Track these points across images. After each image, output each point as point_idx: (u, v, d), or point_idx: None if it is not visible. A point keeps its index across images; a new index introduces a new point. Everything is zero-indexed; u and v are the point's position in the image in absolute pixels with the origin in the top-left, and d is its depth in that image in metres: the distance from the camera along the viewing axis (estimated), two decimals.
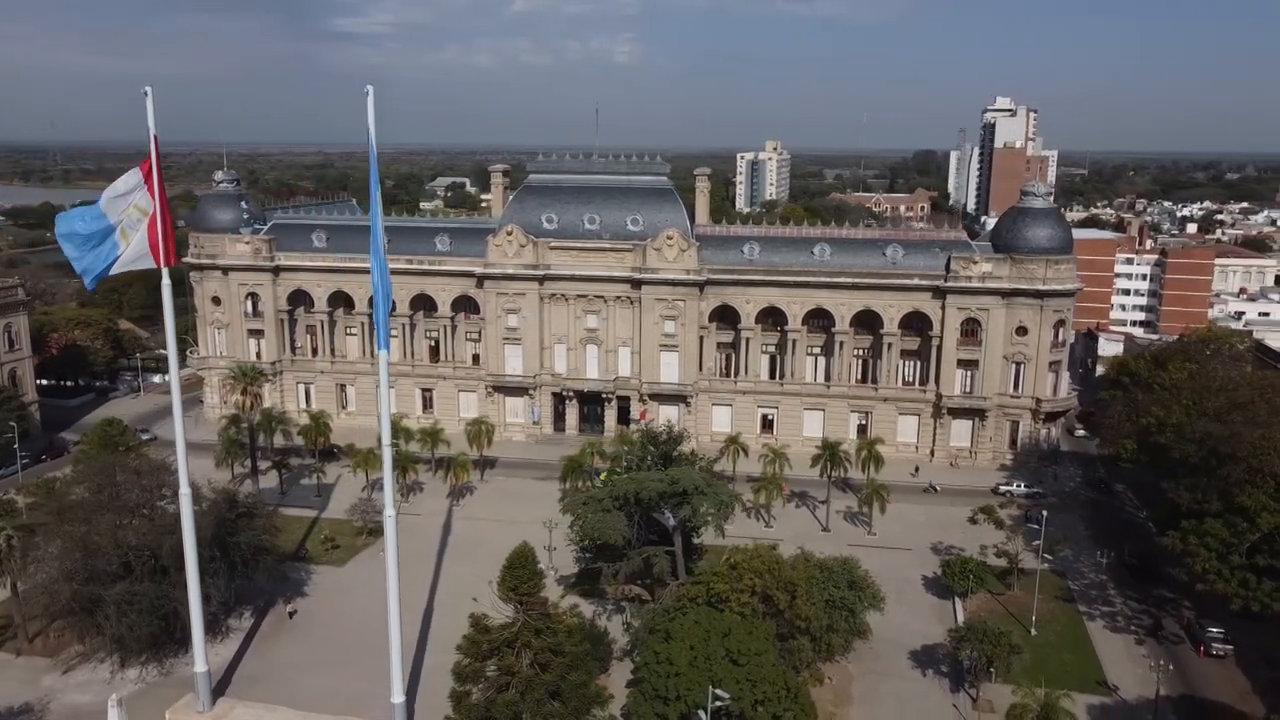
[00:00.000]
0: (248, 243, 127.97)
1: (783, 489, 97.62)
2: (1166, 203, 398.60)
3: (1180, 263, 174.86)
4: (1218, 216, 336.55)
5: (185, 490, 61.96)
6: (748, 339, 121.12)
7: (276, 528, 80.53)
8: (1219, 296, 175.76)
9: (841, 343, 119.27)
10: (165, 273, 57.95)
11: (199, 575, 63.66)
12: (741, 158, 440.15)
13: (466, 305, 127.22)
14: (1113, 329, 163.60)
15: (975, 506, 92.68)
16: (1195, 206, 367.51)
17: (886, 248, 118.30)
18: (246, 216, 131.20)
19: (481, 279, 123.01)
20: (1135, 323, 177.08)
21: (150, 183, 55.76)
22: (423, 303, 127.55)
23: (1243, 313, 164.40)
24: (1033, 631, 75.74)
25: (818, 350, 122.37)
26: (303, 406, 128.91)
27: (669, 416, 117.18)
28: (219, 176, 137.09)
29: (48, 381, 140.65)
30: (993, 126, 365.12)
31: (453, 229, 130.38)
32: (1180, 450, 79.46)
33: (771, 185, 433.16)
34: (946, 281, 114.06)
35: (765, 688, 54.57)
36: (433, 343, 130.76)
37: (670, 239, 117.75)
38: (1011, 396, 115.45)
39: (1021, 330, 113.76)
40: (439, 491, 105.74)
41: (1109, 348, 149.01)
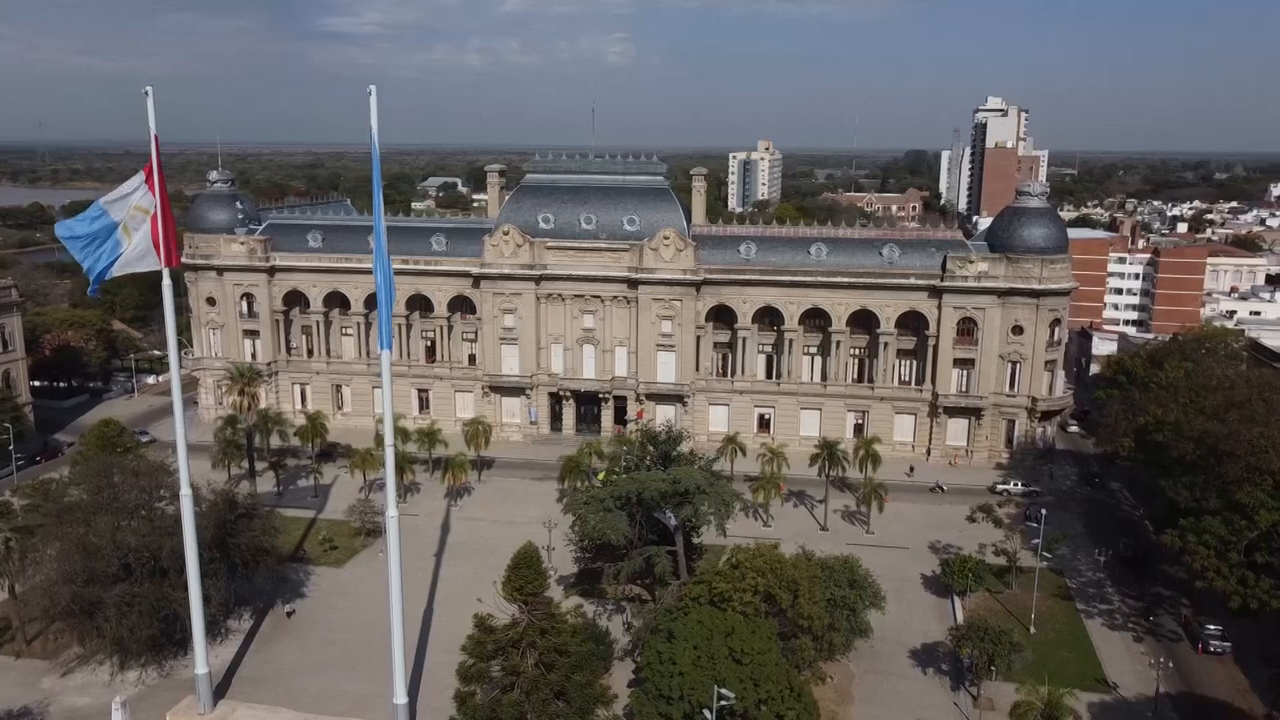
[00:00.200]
0: (243, 243, 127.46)
1: (780, 488, 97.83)
2: (1156, 202, 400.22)
3: (1173, 262, 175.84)
4: (1207, 216, 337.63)
5: (186, 491, 61.68)
6: (744, 339, 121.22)
7: (276, 529, 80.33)
8: (1210, 295, 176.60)
9: (838, 342, 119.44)
10: (166, 273, 57.70)
11: (199, 576, 63.39)
12: (734, 157, 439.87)
13: (463, 305, 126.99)
14: (1106, 328, 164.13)
15: (972, 505, 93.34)
16: (1185, 206, 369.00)
17: (883, 247, 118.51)
18: (241, 217, 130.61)
19: (478, 279, 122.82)
20: (1128, 322, 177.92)
21: (151, 182, 55.54)
22: (419, 303, 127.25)
23: (1234, 311, 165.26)
24: (1032, 630, 75.93)
25: (814, 350, 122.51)
26: (298, 407, 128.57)
27: (666, 416, 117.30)
28: (214, 176, 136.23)
29: (41, 383, 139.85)
30: (984, 126, 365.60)
31: (449, 229, 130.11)
32: (1178, 448, 79.74)
33: (764, 185, 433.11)
34: (943, 281, 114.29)
35: (769, 687, 54.62)
36: (429, 343, 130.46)
37: (667, 239, 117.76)
38: (1007, 395, 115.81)
39: (1017, 329, 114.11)
40: (436, 492, 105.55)
41: (1103, 347, 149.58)
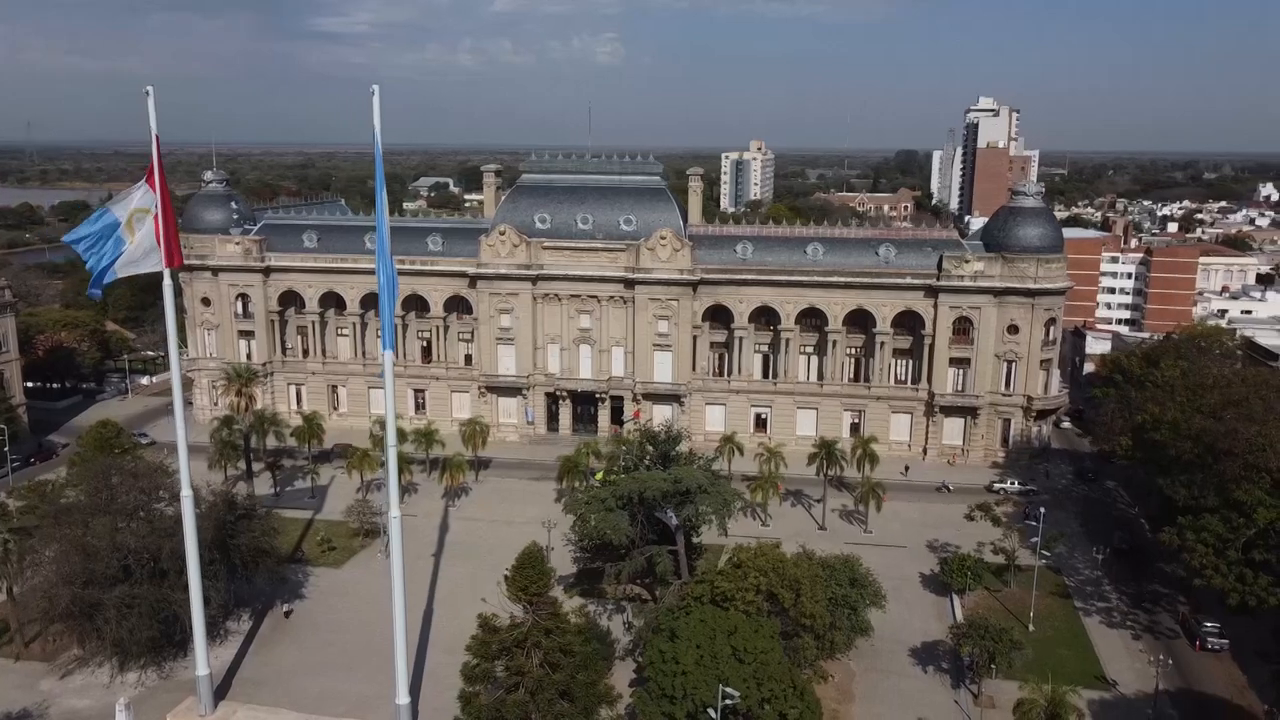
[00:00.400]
0: (238, 243, 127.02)
1: (778, 488, 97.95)
2: (1146, 202, 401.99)
3: (1165, 261, 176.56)
4: (1197, 215, 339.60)
5: (187, 492, 61.50)
6: (741, 338, 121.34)
7: (275, 529, 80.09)
8: (1202, 295, 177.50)
9: (834, 342, 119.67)
10: (167, 273, 57.50)
11: (200, 578, 63.18)
12: (726, 157, 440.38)
13: (459, 305, 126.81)
14: (1099, 327, 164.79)
15: (969, 504, 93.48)
16: (1175, 206, 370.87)
17: (879, 247, 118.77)
18: (236, 217, 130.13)
19: (474, 279, 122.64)
20: (1121, 321, 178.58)
21: (152, 182, 55.38)
22: (415, 303, 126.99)
23: (1226, 310, 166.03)
24: (1030, 627, 76.14)
25: (811, 349, 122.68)
26: (294, 408, 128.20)
27: (663, 416, 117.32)
28: (209, 176, 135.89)
29: (34, 384, 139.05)
30: (975, 126, 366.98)
31: (445, 229, 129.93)
32: (1177, 446, 79.96)
33: (756, 185, 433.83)
34: (939, 280, 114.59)
35: (772, 685, 54.69)
36: (425, 343, 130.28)
37: (663, 239, 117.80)
38: (1003, 394, 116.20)
39: (1013, 328, 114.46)
40: (434, 492, 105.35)
41: (1096, 346, 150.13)
